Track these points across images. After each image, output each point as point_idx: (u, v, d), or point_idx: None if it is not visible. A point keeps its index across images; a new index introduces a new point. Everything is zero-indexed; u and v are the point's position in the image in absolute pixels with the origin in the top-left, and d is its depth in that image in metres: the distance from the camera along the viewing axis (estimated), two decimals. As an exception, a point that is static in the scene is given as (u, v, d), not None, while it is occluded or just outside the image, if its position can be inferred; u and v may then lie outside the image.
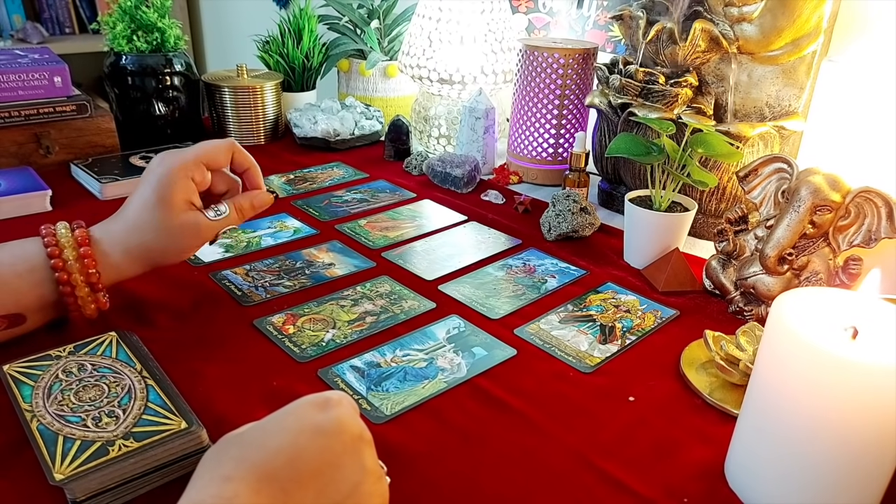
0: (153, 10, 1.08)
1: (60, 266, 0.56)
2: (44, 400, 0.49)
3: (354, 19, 1.32)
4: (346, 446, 0.39)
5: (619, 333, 0.66)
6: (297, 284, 0.73)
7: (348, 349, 0.62)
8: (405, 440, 0.51)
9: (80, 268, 0.57)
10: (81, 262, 0.57)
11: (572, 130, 1.04)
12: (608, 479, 0.48)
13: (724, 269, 0.73)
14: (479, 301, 0.71)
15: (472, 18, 1.07)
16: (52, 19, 2.39)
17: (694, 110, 0.83)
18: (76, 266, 0.57)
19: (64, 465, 0.43)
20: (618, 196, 0.96)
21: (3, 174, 0.91)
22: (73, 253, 0.57)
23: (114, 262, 0.60)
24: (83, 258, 0.57)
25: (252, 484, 0.35)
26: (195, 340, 0.62)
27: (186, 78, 1.13)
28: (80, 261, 0.57)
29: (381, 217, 0.91)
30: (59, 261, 0.56)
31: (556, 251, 0.83)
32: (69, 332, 0.61)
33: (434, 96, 1.15)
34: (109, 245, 0.60)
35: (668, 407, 0.56)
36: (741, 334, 0.60)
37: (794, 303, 0.44)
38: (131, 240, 0.60)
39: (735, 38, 0.80)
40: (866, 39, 0.85)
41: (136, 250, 0.61)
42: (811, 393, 0.41)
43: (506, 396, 0.56)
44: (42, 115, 0.97)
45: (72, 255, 0.57)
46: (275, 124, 1.21)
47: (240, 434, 0.39)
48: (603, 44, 1.16)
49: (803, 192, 0.65)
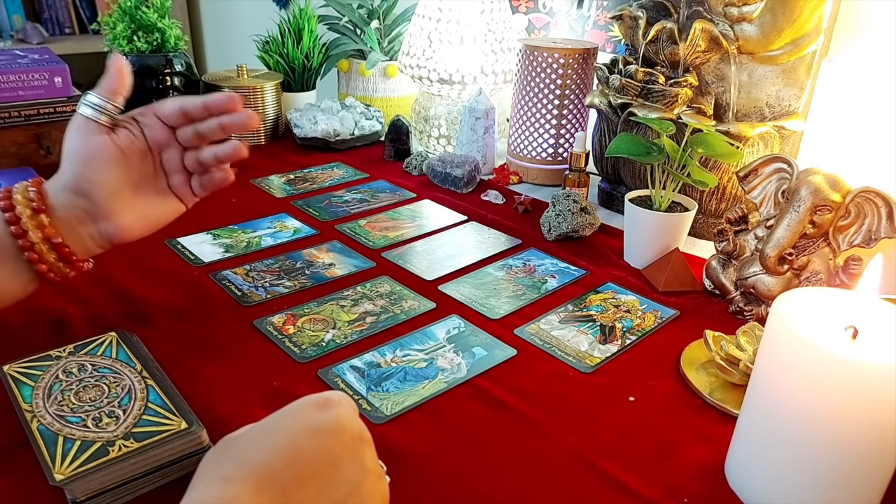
0: (153, 11, 1.08)
1: (10, 206, 0.54)
2: (44, 400, 0.49)
3: (354, 19, 1.32)
4: (346, 446, 0.39)
5: (619, 333, 0.66)
6: (297, 284, 0.73)
7: (348, 349, 0.62)
8: (405, 440, 0.51)
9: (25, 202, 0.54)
10: (28, 203, 0.55)
11: (572, 130, 1.04)
12: (608, 479, 0.48)
13: (724, 269, 0.73)
14: (479, 301, 0.71)
15: (472, 18, 1.07)
16: (53, 20, 2.39)
17: (694, 110, 0.83)
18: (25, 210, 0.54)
19: (64, 465, 0.43)
20: (618, 196, 0.96)
21: (3, 174, 0.91)
22: (21, 195, 0.55)
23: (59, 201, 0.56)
24: (30, 199, 0.55)
25: (253, 485, 0.35)
26: (195, 341, 0.62)
27: (187, 78, 1.13)
28: (27, 204, 0.55)
29: (381, 217, 0.91)
30: (8, 202, 0.54)
31: (556, 251, 0.83)
32: (69, 333, 0.61)
33: (434, 96, 1.15)
34: (50, 185, 0.57)
35: (668, 407, 0.56)
36: (741, 334, 0.60)
37: (794, 303, 0.44)
38: (59, 178, 0.57)
39: (735, 38, 0.80)
40: (866, 39, 0.85)
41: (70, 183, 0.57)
42: (811, 393, 0.41)
43: (506, 396, 0.56)
44: (42, 116, 0.97)
45: (21, 198, 0.55)
46: (275, 124, 1.21)
47: (240, 435, 0.39)
48: (603, 44, 1.16)
49: (803, 192, 0.65)
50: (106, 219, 0.57)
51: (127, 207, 0.58)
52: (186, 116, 0.59)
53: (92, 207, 0.56)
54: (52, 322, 0.63)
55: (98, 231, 0.57)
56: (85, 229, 0.57)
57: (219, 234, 0.83)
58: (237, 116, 0.59)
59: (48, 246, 0.55)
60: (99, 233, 0.57)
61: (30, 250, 0.54)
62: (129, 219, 0.58)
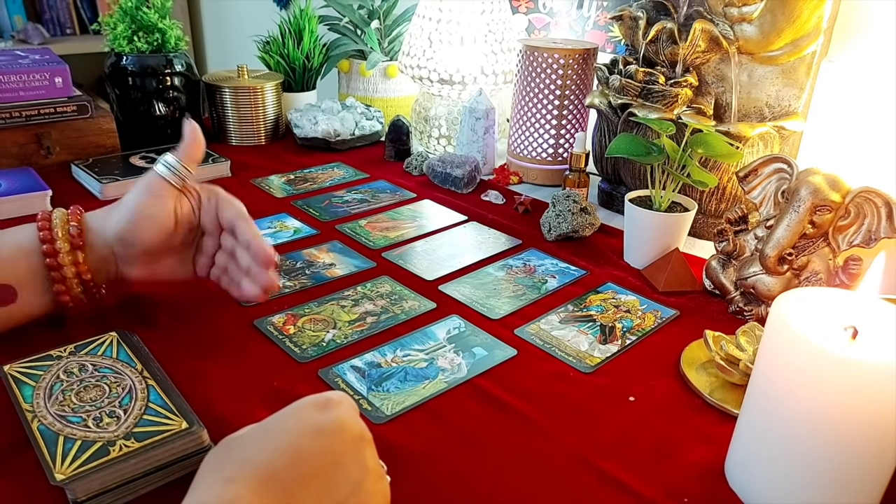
0: (154, 11, 1.08)
1: (49, 238, 0.57)
2: (45, 400, 0.49)
3: (355, 20, 1.32)
4: (347, 446, 0.39)
5: (619, 333, 0.66)
6: (297, 284, 0.73)
7: (349, 349, 0.62)
8: (406, 440, 0.51)
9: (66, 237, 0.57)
10: (69, 238, 0.57)
11: (572, 130, 1.04)
12: (608, 479, 0.48)
13: (724, 269, 0.73)
14: (479, 301, 0.71)
15: (472, 19, 1.07)
16: (53, 20, 2.39)
17: (694, 110, 0.83)
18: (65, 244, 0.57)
19: (65, 465, 0.43)
20: (618, 196, 0.96)
21: (3, 174, 0.91)
22: (62, 230, 0.58)
23: (100, 240, 0.59)
24: (71, 235, 0.58)
25: (254, 486, 0.35)
26: (196, 340, 0.62)
27: (187, 78, 1.13)
28: (67, 238, 0.57)
29: (381, 217, 0.91)
30: (48, 232, 0.57)
31: (556, 251, 0.83)
32: (70, 333, 0.61)
33: (434, 97, 1.15)
34: (95, 222, 0.60)
35: (668, 407, 0.56)
36: (741, 334, 0.60)
37: (794, 303, 0.44)
38: (111, 219, 0.60)
39: (735, 39, 0.80)
40: (866, 39, 0.85)
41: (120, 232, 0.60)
42: (811, 393, 0.41)
43: (506, 396, 0.56)
44: (43, 116, 0.98)
45: (61, 233, 0.57)
46: (275, 125, 1.21)
47: (241, 436, 0.39)
48: (603, 44, 1.16)
49: (803, 192, 0.65)
50: (128, 265, 0.61)
51: (148, 263, 0.62)
52: (233, 234, 0.63)
53: (124, 254, 0.60)
54: (53, 322, 0.63)
55: (116, 271, 0.61)
56: (107, 267, 0.61)
57: (219, 235, 0.83)
58: (262, 276, 0.61)
59: (78, 280, 0.59)
60: (116, 272, 0.61)
61: (60, 282, 0.58)
62: (143, 270, 0.62)
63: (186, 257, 0.65)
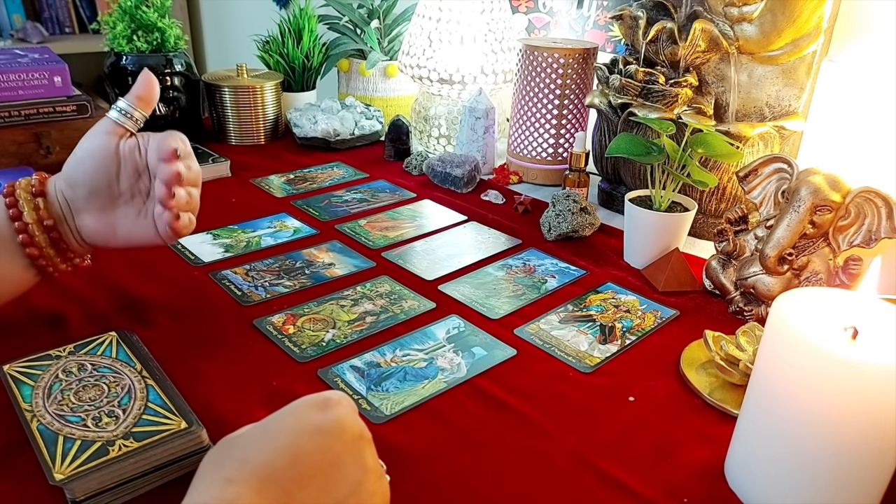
0: (153, 10, 1.08)
1: (10, 192, 0.57)
2: (44, 400, 0.49)
3: (354, 19, 1.32)
4: (346, 446, 0.39)
5: (618, 333, 0.66)
6: (297, 284, 0.73)
7: (348, 349, 0.62)
8: (405, 440, 0.51)
9: (27, 187, 0.58)
10: (30, 188, 0.58)
11: (572, 130, 1.04)
12: (608, 479, 0.48)
13: (724, 269, 0.73)
14: (479, 301, 0.71)
15: (472, 18, 1.07)
16: (52, 19, 2.39)
17: (694, 110, 0.83)
18: (25, 193, 0.57)
19: (64, 465, 0.43)
20: (618, 196, 0.96)
21: (3, 174, 0.91)
22: (24, 183, 0.58)
23: (52, 188, 0.59)
24: (31, 185, 0.58)
25: (254, 485, 0.35)
26: (195, 340, 0.62)
27: (186, 78, 1.13)
28: (29, 189, 0.58)
29: (381, 217, 0.91)
30: (10, 187, 0.58)
31: (556, 251, 0.83)
32: (69, 332, 0.61)
33: (434, 96, 1.15)
34: (53, 178, 0.60)
35: (668, 407, 0.56)
36: (741, 334, 0.60)
37: (794, 303, 0.44)
38: (67, 174, 0.59)
39: (735, 38, 0.80)
40: (866, 39, 0.85)
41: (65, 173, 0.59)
42: (811, 393, 0.41)
43: (506, 396, 0.56)
44: (42, 115, 0.97)
45: (23, 184, 0.58)
46: (275, 124, 1.21)
47: (240, 436, 0.39)
48: (603, 44, 1.16)
49: (803, 192, 0.65)
50: (78, 213, 0.59)
51: (99, 211, 0.59)
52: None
53: (74, 199, 0.59)
54: (52, 321, 0.63)
55: (77, 225, 0.60)
56: (69, 223, 0.59)
57: (219, 234, 0.83)
58: (163, 171, 0.58)
59: (40, 229, 0.57)
60: (77, 228, 0.60)
61: (23, 232, 0.57)
62: (98, 223, 0.59)
63: (139, 209, 0.60)
